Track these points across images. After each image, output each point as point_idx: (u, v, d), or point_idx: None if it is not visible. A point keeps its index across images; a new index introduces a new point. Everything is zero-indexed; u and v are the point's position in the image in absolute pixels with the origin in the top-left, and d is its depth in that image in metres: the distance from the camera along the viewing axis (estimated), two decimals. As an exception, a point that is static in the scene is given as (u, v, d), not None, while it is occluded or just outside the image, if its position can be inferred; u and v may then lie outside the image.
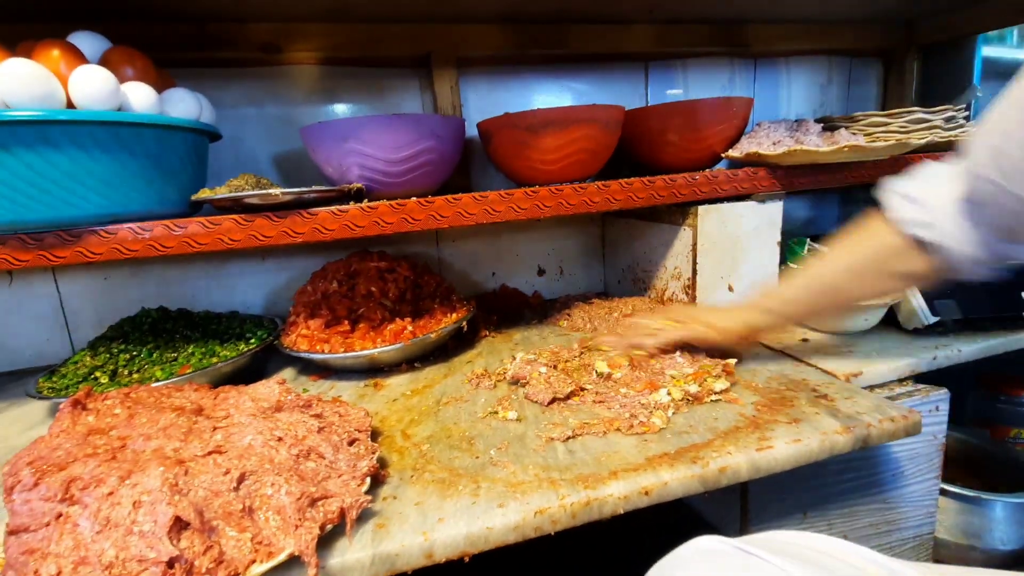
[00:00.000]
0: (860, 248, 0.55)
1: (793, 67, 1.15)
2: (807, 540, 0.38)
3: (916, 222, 0.50)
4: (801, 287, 0.59)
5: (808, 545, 0.37)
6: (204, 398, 0.49)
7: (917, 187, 0.51)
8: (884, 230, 0.53)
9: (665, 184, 0.74)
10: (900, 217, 0.51)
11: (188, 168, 0.65)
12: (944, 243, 0.49)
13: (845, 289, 0.57)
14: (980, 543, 0.73)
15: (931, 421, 0.64)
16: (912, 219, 0.50)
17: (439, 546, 0.40)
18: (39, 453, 0.39)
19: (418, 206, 0.65)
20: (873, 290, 0.57)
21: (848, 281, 0.56)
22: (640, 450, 0.49)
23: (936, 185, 0.50)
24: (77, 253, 0.56)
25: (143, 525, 0.34)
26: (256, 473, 0.39)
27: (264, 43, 0.84)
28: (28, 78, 0.50)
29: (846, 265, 0.56)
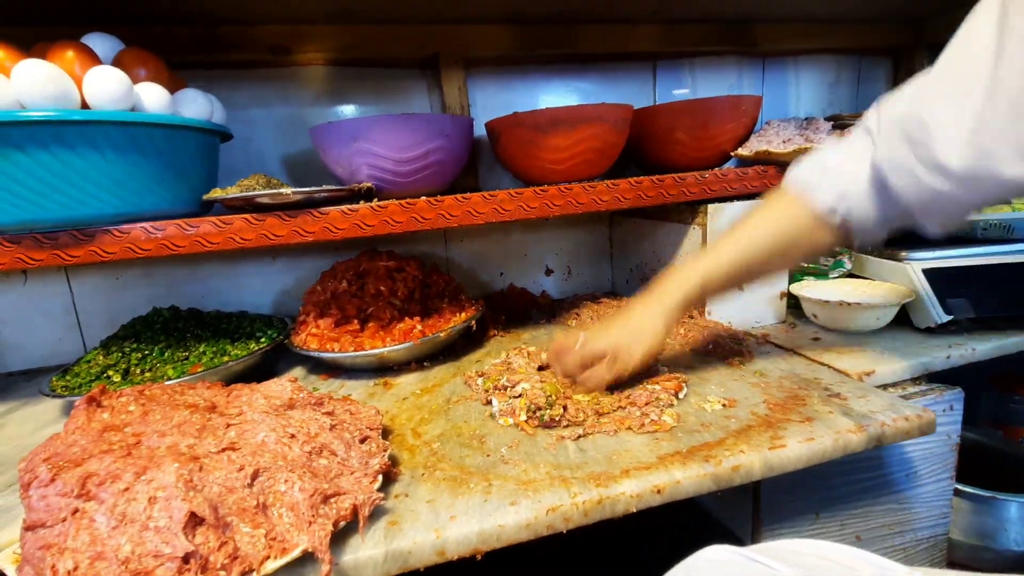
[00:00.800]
0: (777, 226, 0.55)
1: (801, 66, 1.15)
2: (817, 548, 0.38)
3: (827, 200, 0.52)
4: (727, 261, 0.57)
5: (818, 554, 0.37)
6: (217, 396, 0.49)
7: (829, 163, 0.53)
8: (796, 207, 0.54)
9: (675, 183, 0.74)
10: (812, 195, 0.53)
11: (200, 168, 0.66)
12: (853, 219, 0.51)
13: (759, 271, 0.58)
14: (994, 544, 0.72)
15: (945, 421, 0.64)
16: (821, 192, 0.52)
17: (451, 544, 0.40)
18: (55, 449, 0.39)
19: (428, 205, 0.65)
20: (782, 268, 0.61)
21: (765, 263, 0.57)
22: (652, 449, 0.49)
23: (846, 162, 0.51)
24: (91, 252, 0.57)
25: (159, 521, 0.34)
26: (270, 470, 0.39)
27: (273, 45, 0.85)
28: (43, 79, 0.51)
29: (764, 244, 0.56)
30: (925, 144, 0.44)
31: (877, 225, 0.51)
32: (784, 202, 0.55)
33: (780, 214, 0.55)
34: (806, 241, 0.54)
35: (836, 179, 0.52)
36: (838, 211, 0.52)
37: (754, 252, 0.56)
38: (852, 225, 0.52)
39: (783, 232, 0.55)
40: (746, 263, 0.56)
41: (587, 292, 1.10)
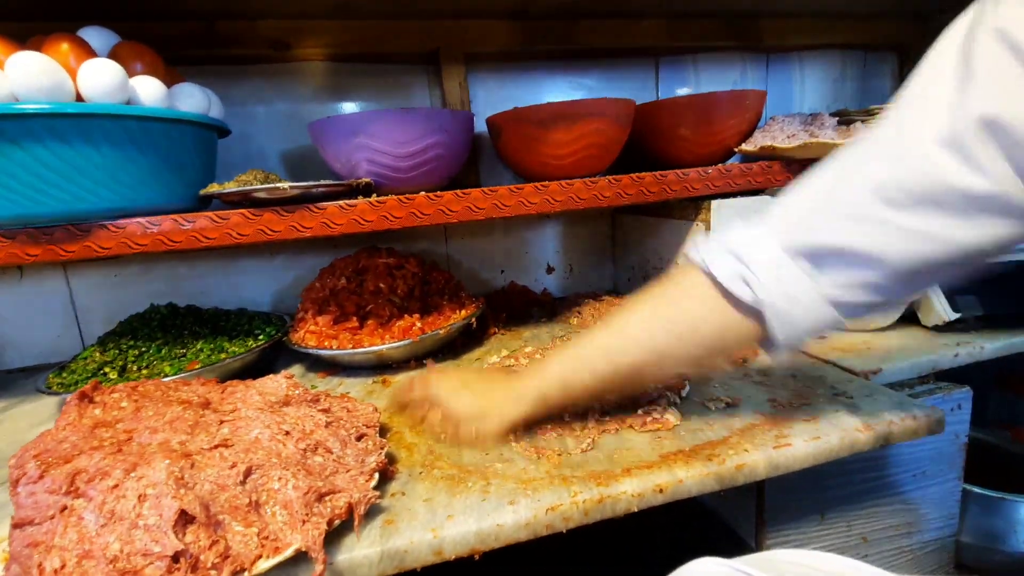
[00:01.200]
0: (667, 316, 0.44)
1: (806, 61, 1.13)
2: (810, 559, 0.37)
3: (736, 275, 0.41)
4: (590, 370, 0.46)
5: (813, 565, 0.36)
6: (211, 392, 0.48)
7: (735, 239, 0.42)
8: (696, 291, 0.43)
9: (677, 178, 0.73)
10: (718, 270, 0.41)
11: (197, 163, 0.65)
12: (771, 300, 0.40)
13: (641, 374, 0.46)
14: (1004, 546, 0.71)
15: (953, 420, 0.62)
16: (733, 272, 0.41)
17: (449, 543, 0.39)
18: (45, 446, 0.39)
19: (427, 200, 0.64)
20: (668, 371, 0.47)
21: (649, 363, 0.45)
22: (654, 447, 0.48)
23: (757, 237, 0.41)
24: (86, 247, 0.56)
25: (148, 519, 0.33)
26: (263, 467, 0.38)
27: (273, 40, 0.84)
28: (37, 71, 0.50)
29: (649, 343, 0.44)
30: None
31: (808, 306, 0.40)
32: (676, 279, 0.45)
33: (673, 294, 0.45)
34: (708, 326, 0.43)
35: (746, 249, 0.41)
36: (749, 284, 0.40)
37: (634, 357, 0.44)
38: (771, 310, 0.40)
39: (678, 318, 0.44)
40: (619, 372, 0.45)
41: (589, 290, 1.09)
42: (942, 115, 0.33)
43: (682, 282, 0.45)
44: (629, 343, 0.45)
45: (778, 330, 0.41)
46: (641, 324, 0.45)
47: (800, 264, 0.40)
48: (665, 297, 0.45)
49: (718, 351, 0.45)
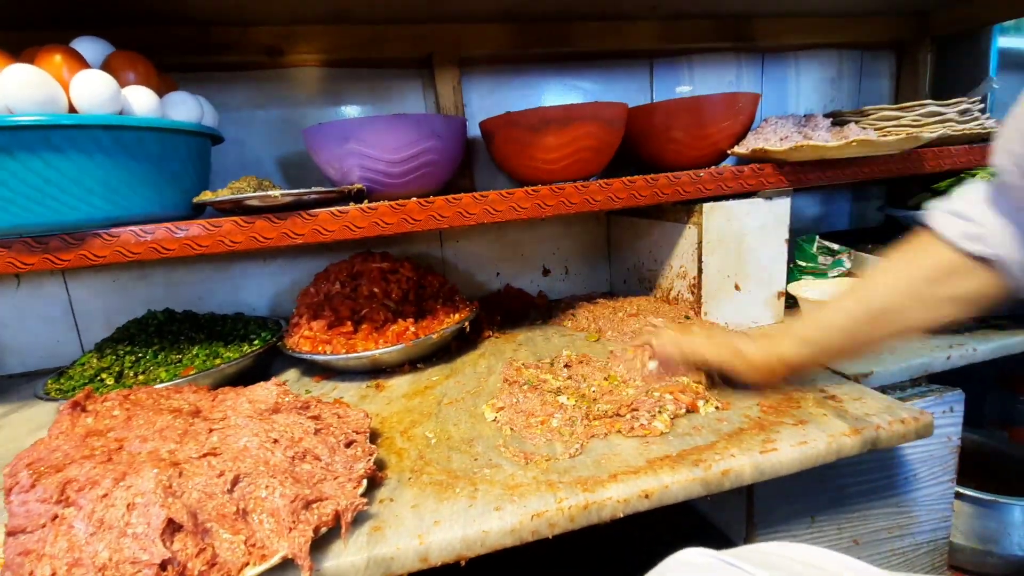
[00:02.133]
0: (911, 269, 0.48)
1: (802, 61, 1.13)
2: (793, 551, 0.37)
3: (966, 235, 0.46)
4: (845, 314, 0.51)
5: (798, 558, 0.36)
6: (202, 400, 0.49)
7: (960, 202, 0.48)
8: (934, 248, 0.48)
9: (669, 182, 0.73)
10: (949, 233, 0.47)
11: (190, 171, 0.66)
12: (998, 254, 0.44)
13: (896, 315, 0.49)
14: (997, 548, 0.71)
15: (945, 422, 0.62)
16: (962, 232, 0.46)
17: (434, 549, 0.39)
18: (38, 455, 0.39)
19: (418, 206, 0.65)
20: (927, 316, 0.49)
21: (900, 306, 0.48)
22: (641, 452, 0.48)
23: (977, 198, 0.47)
24: (81, 256, 0.57)
25: (136, 527, 0.34)
26: (251, 475, 0.39)
27: (267, 46, 0.85)
28: (30, 84, 0.51)
29: (897, 288, 0.48)
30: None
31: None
32: (921, 241, 0.49)
33: (914, 254, 0.49)
34: (950, 286, 0.47)
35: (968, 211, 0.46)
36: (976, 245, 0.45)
37: (881, 296, 0.49)
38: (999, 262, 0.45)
39: (917, 274, 0.48)
40: (874, 308, 0.49)
41: (584, 292, 1.09)
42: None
43: (921, 242, 0.49)
44: (878, 287, 0.50)
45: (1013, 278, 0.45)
46: (887, 273, 0.50)
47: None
48: (909, 254, 0.50)
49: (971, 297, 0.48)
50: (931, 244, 0.48)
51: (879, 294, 0.49)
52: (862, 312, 0.50)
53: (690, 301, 0.81)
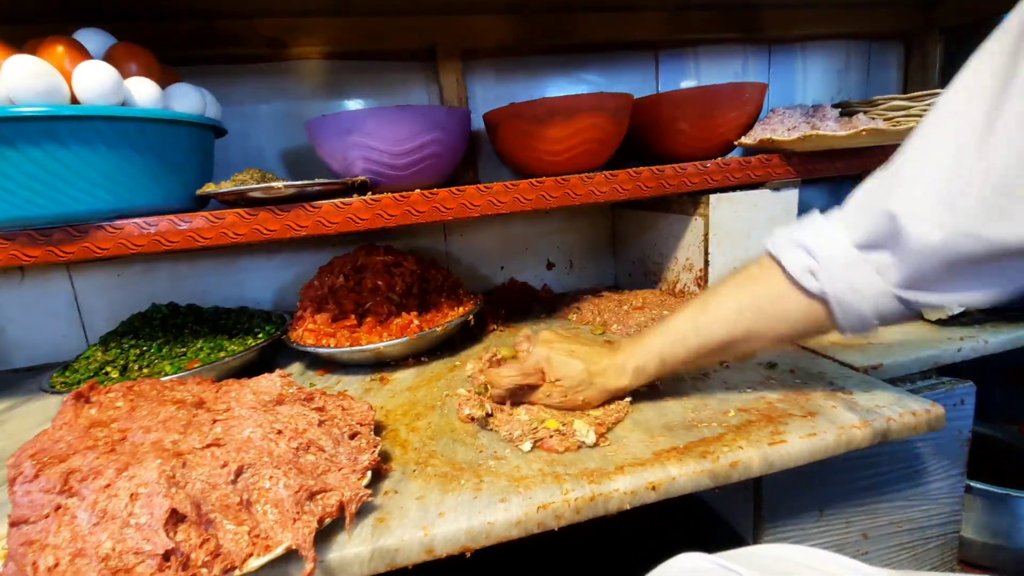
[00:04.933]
0: (752, 301, 0.48)
1: (809, 52, 1.12)
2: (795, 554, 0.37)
3: (807, 269, 0.44)
4: (684, 348, 0.50)
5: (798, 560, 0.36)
6: (206, 391, 0.49)
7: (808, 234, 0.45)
8: (775, 279, 0.47)
9: (675, 173, 0.72)
10: (792, 267, 0.45)
11: (193, 163, 0.65)
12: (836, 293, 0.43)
13: (730, 348, 0.50)
14: (1008, 542, 0.70)
15: (956, 415, 0.62)
16: (803, 267, 0.44)
17: (439, 541, 0.39)
18: (41, 445, 0.39)
19: (422, 198, 0.64)
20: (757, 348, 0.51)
21: (735, 339, 0.49)
22: (648, 445, 0.47)
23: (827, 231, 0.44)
24: (84, 248, 0.57)
25: (139, 517, 0.33)
26: (254, 466, 0.39)
27: (270, 39, 0.84)
28: (32, 74, 0.50)
29: (737, 323, 0.48)
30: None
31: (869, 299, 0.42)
32: (759, 267, 0.49)
33: (753, 281, 0.48)
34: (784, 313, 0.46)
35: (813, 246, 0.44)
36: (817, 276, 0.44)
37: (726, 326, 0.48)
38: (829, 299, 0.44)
39: (758, 304, 0.47)
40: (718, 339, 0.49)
41: (589, 286, 1.09)
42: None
43: (760, 270, 0.49)
44: (719, 322, 0.49)
45: (841, 318, 0.44)
46: (728, 305, 0.49)
47: (867, 255, 0.42)
48: (747, 282, 0.49)
49: (797, 333, 0.48)
50: (772, 274, 0.47)
51: (718, 330, 0.49)
52: (701, 347, 0.50)
53: (696, 294, 0.80)
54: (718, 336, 0.49)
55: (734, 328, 0.48)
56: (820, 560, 0.36)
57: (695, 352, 0.50)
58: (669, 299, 0.83)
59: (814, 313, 0.45)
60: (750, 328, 0.48)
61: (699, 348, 0.50)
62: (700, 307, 0.51)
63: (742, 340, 0.49)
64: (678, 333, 0.51)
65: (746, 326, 0.48)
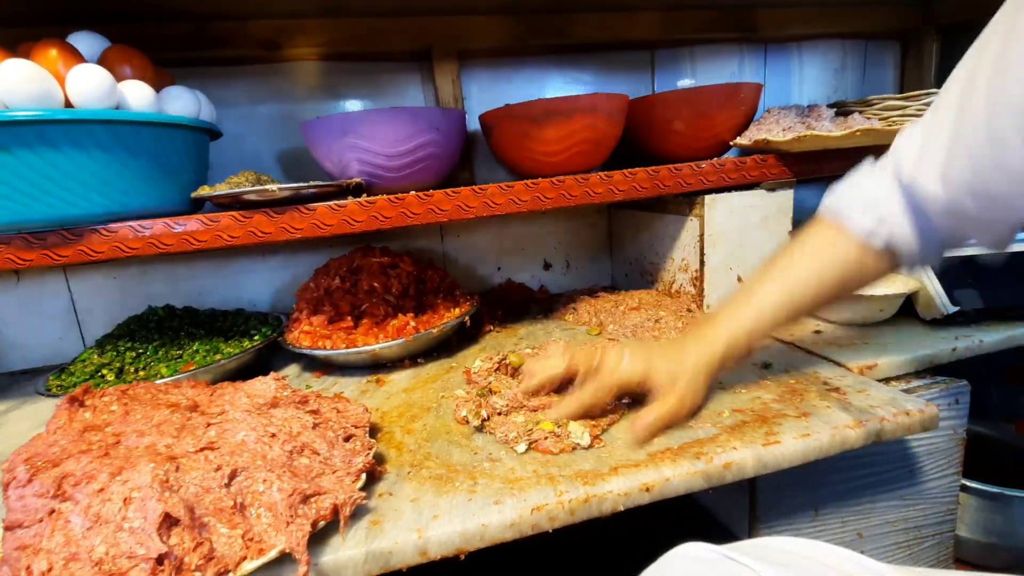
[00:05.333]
0: (820, 262, 0.51)
1: (805, 51, 1.12)
2: (796, 546, 0.37)
3: (875, 232, 0.47)
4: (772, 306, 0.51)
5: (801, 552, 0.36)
6: (200, 395, 0.49)
7: (870, 188, 0.49)
8: (835, 236, 0.50)
9: (670, 173, 0.72)
10: (859, 227, 0.48)
11: (188, 166, 0.65)
12: (897, 243, 0.47)
13: (808, 310, 0.52)
14: (1004, 541, 0.70)
15: (950, 415, 0.62)
16: (871, 229, 0.48)
17: (433, 544, 0.39)
18: (35, 450, 0.39)
19: (417, 200, 0.64)
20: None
21: (813, 301, 0.51)
22: (643, 445, 0.48)
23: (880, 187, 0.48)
24: (79, 252, 0.57)
25: (133, 521, 0.34)
26: (248, 469, 0.39)
27: (265, 40, 0.84)
28: (25, 78, 0.50)
29: (813, 285, 0.51)
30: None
31: (925, 248, 0.47)
32: (822, 232, 0.51)
33: (820, 246, 0.51)
34: (854, 271, 0.50)
35: (872, 203, 0.48)
36: (879, 235, 0.47)
37: (801, 293, 0.51)
38: (897, 250, 0.48)
39: (828, 265, 0.50)
40: (793, 306, 0.51)
41: (586, 286, 1.09)
42: None
43: (829, 234, 0.51)
44: (805, 296, 0.51)
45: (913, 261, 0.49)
46: (809, 276, 0.51)
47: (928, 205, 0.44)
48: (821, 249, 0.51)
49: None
50: (830, 231, 0.50)
51: (796, 289, 0.51)
52: (788, 305, 0.51)
53: (692, 294, 0.81)
54: (804, 306, 0.51)
55: (820, 293, 0.51)
56: (824, 553, 0.36)
57: (782, 324, 0.52)
58: (665, 299, 0.83)
59: (885, 263, 0.49)
60: (826, 290, 0.51)
61: (786, 320, 0.52)
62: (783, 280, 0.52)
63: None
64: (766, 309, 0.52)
65: (822, 290, 0.51)
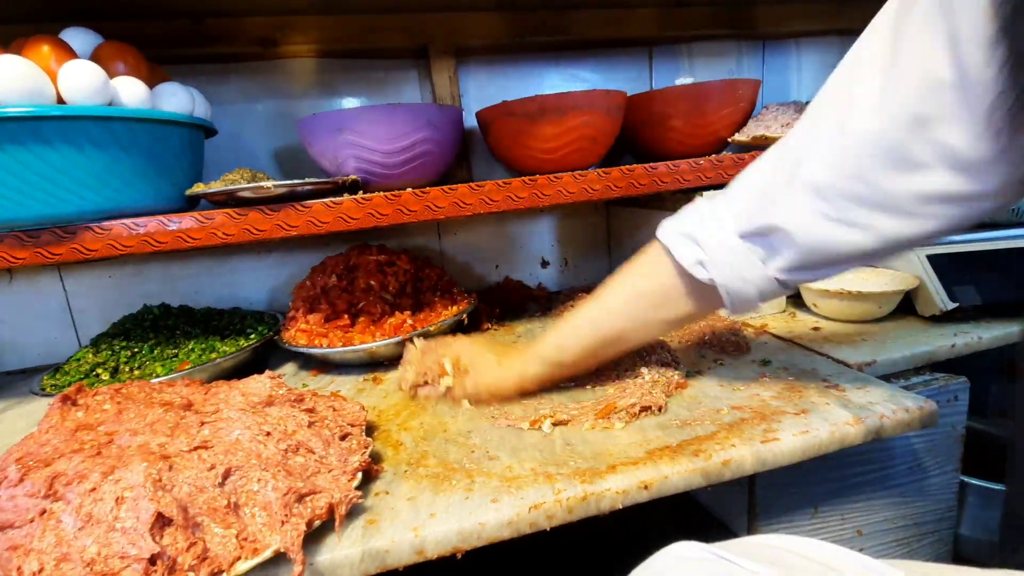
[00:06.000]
0: (641, 293, 0.51)
1: (803, 48, 1.11)
2: (788, 543, 0.36)
3: (698, 261, 0.47)
4: (579, 339, 0.54)
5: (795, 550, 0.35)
6: (195, 393, 0.48)
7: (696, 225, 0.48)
8: (665, 269, 0.49)
9: (668, 170, 0.72)
10: (684, 259, 0.47)
11: (183, 163, 0.65)
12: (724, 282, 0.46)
13: (622, 340, 0.53)
14: (1003, 538, 0.70)
15: (949, 411, 0.61)
16: (695, 259, 0.47)
17: (430, 542, 0.39)
18: (27, 449, 0.39)
19: (413, 197, 0.64)
20: (646, 338, 0.56)
21: (626, 332, 0.52)
22: (640, 443, 0.47)
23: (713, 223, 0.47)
24: (73, 250, 0.56)
25: (125, 521, 0.33)
26: (242, 468, 0.38)
27: (261, 37, 0.84)
28: (17, 75, 0.50)
29: (626, 315, 0.52)
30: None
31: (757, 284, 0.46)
32: (649, 256, 0.51)
33: (645, 271, 0.51)
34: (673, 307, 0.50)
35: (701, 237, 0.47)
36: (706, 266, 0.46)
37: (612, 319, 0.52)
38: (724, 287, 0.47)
39: (646, 299, 0.50)
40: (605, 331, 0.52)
41: (584, 284, 1.08)
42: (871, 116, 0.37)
43: (652, 261, 0.51)
44: (611, 314, 0.52)
45: (732, 303, 0.48)
46: (620, 297, 0.52)
47: (752, 246, 0.45)
48: (639, 274, 0.52)
49: (686, 317, 0.52)
50: (663, 265, 0.50)
51: (609, 322, 0.52)
52: (595, 339, 0.53)
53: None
54: (609, 327, 0.52)
55: (627, 319, 0.52)
56: (816, 550, 0.36)
57: (591, 341, 0.53)
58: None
59: (704, 298, 0.49)
60: (643, 317, 0.51)
61: (594, 338, 0.53)
62: (595, 300, 0.53)
63: (635, 329, 0.52)
64: (573, 326, 0.54)
65: (639, 315, 0.51)
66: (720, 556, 0.33)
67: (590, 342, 0.53)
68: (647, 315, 0.51)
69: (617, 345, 0.54)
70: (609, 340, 0.53)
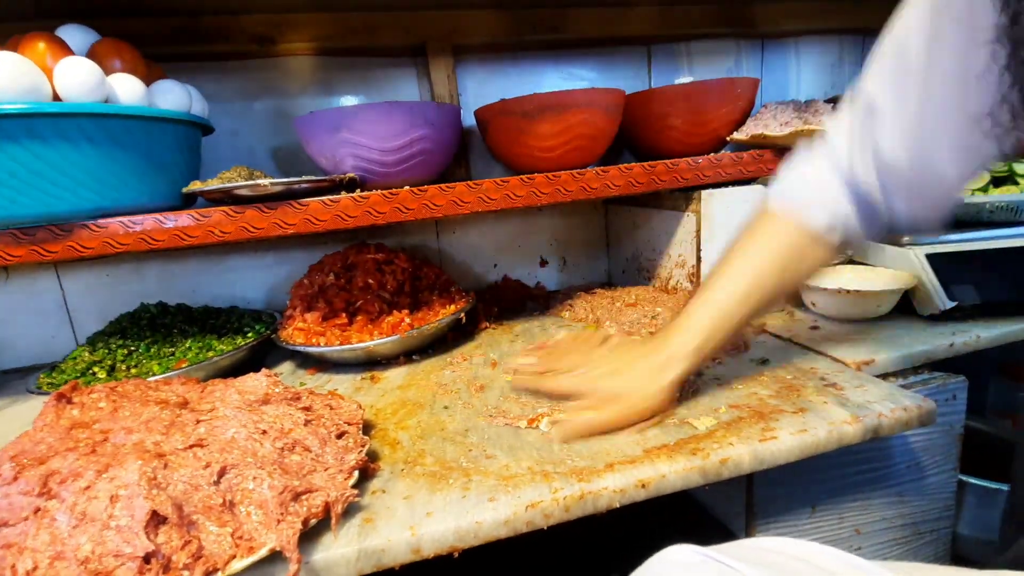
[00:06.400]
0: (778, 256, 0.51)
1: (802, 47, 1.11)
2: (783, 546, 0.36)
3: (824, 218, 0.49)
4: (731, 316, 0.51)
5: (789, 552, 0.35)
6: (191, 391, 0.48)
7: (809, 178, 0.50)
8: (791, 229, 0.50)
9: (667, 169, 0.72)
10: (805, 214, 0.49)
11: (179, 161, 0.65)
12: (853, 239, 0.50)
13: (763, 307, 0.52)
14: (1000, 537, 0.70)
15: (947, 410, 0.61)
16: (820, 215, 0.49)
17: (426, 541, 0.38)
18: (22, 447, 0.39)
19: (411, 195, 0.64)
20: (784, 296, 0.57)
21: (768, 298, 0.52)
22: (638, 442, 0.47)
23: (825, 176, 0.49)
24: (68, 248, 0.56)
25: (120, 519, 0.33)
26: (238, 467, 0.38)
27: (258, 35, 0.83)
28: (12, 71, 0.50)
29: (773, 281, 0.51)
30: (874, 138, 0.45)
31: (869, 232, 0.50)
32: (777, 227, 0.51)
33: (779, 242, 0.51)
34: (807, 263, 0.51)
35: (824, 197, 0.49)
36: (836, 229, 0.49)
37: (761, 290, 0.51)
38: (849, 241, 0.50)
39: (788, 260, 0.51)
40: (759, 304, 0.51)
41: (583, 283, 1.08)
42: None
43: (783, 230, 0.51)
44: (763, 291, 0.51)
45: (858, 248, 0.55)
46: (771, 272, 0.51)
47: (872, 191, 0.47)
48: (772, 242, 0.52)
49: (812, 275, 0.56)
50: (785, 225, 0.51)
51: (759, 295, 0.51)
52: (746, 315, 0.52)
53: (689, 290, 0.80)
54: (763, 302, 0.52)
55: (774, 290, 0.52)
56: (811, 552, 0.36)
57: (740, 319, 0.52)
58: (662, 295, 0.83)
59: (832, 253, 0.51)
60: (785, 285, 0.52)
61: (744, 315, 0.52)
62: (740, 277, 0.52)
63: (776, 300, 0.54)
64: (725, 309, 0.52)
65: (783, 285, 0.52)
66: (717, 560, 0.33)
67: (739, 320, 0.51)
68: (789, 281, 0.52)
69: (756, 314, 0.53)
70: (754, 317, 0.52)
